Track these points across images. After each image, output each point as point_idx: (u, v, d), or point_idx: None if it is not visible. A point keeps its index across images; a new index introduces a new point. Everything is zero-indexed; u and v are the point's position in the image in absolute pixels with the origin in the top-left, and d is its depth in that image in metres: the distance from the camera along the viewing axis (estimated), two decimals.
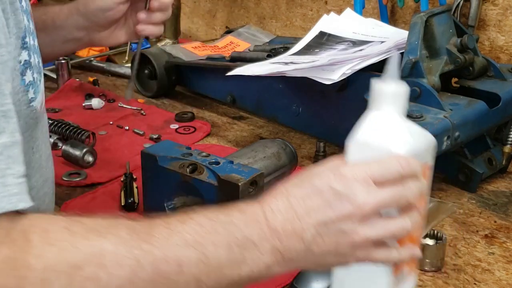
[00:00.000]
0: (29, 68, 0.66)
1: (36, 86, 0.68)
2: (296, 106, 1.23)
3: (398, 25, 1.41)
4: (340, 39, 1.19)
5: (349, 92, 1.10)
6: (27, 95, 0.66)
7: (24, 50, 0.66)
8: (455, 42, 1.02)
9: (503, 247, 0.88)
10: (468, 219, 0.95)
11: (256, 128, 1.31)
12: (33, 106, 0.68)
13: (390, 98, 0.58)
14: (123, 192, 0.98)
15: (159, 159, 0.90)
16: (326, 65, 1.06)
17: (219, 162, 0.87)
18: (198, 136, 1.26)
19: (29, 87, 0.66)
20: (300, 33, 1.61)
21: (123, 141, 1.24)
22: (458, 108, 0.96)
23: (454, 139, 0.93)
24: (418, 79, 0.98)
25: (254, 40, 1.54)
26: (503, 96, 1.01)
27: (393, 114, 0.58)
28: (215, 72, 1.34)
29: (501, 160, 1.06)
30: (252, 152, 0.98)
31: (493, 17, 1.29)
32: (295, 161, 1.03)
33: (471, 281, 0.81)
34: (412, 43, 1.00)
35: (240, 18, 1.83)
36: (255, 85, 1.28)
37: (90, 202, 1.00)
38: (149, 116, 1.35)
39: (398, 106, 0.58)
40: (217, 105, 1.42)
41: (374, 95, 0.58)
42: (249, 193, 0.83)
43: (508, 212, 0.97)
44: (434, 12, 1.02)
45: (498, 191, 1.03)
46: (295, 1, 1.65)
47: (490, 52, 1.31)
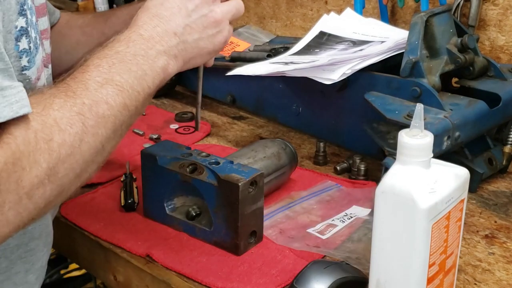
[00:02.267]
0: (26, 36, 0.68)
1: (31, 56, 0.69)
2: (296, 106, 1.22)
3: (398, 25, 1.41)
4: (340, 39, 1.19)
5: (349, 92, 1.10)
6: (19, 61, 0.68)
7: (22, 16, 0.67)
8: (456, 42, 1.02)
9: (504, 247, 0.88)
10: (468, 219, 0.95)
11: (256, 128, 1.31)
12: (26, 74, 0.69)
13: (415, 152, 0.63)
14: (123, 192, 0.98)
15: (159, 159, 0.90)
16: (326, 65, 1.06)
17: (219, 162, 0.87)
18: (198, 136, 1.26)
19: (22, 54, 0.68)
20: (300, 33, 1.61)
21: (123, 141, 1.21)
22: (458, 108, 0.96)
23: (454, 139, 0.93)
24: (418, 79, 0.98)
25: (254, 40, 1.54)
26: (503, 96, 1.01)
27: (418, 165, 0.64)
28: (215, 72, 1.34)
29: (501, 160, 1.06)
30: (252, 152, 0.98)
31: (493, 17, 1.29)
32: (295, 161, 1.03)
33: (471, 281, 0.81)
34: (412, 43, 0.99)
35: (240, 18, 1.82)
36: (255, 85, 1.28)
37: (90, 202, 1.00)
38: (149, 116, 1.35)
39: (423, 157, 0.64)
40: (217, 105, 1.42)
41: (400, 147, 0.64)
42: (249, 193, 0.83)
43: (508, 212, 0.97)
44: (434, 12, 1.02)
45: (498, 191, 1.03)
46: (295, 1, 1.65)
47: (491, 52, 1.31)
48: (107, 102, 0.64)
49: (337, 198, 1.00)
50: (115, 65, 0.66)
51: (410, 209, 0.62)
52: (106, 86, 0.65)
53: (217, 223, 0.86)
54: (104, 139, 0.65)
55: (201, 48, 0.75)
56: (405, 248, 0.64)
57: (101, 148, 0.65)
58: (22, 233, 0.78)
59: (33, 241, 0.80)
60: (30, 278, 0.82)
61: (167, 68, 0.72)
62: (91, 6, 1.99)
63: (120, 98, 0.65)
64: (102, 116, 0.64)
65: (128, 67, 0.67)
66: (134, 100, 0.67)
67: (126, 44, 0.69)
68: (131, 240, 0.89)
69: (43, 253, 0.84)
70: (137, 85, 0.67)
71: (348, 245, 0.86)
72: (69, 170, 0.61)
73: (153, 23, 0.72)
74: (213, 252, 0.86)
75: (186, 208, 0.91)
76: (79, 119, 0.62)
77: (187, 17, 0.73)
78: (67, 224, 0.95)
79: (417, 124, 0.64)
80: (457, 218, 0.68)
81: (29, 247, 0.80)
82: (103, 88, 0.64)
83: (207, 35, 0.75)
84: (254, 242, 0.87)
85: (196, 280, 0.80)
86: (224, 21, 0.76)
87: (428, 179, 0.64)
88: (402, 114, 0.94)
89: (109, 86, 0.65)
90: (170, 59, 0.72)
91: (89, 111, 0.63)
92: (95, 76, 0.65)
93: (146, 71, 0.69)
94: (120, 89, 0.66)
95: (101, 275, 0.94)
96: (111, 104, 0.65)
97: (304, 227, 0.91)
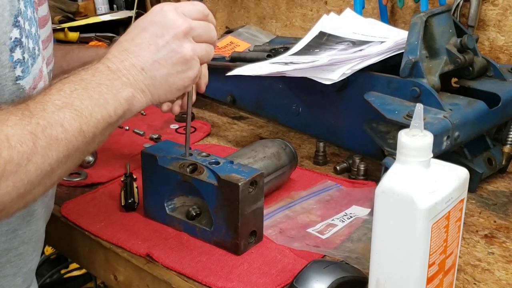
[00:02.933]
0: (20, 47, 0.68)
1: (25, 66, 0.69)
2: (296, 106, 1.23)
3: (398, 25, 1.41)
4: (340, 39, 1.19)
5: (349, 92, 1.10)
6: (14, 72, 0.68)
7: (16, 28, 0.67)
8: (455, 42, 1.02)
9: (503, 247, 0.88)
10: (467, 219, 0.95)
11: (256, 128, 1.31)
12: (19, 84, 0.69)
13: (415, 152, 0.64)
14: (123, 192, 0.99)
15: (159, 159, 0.90)
16: (326, 65, 1.06)
17: (219, 162, 0.87)
18: (198, 136, 1.26)
19: (17, 64, 0.68)
20: (300, 33, 1.61)
21: (123, 141, 1.24)
22: (458, 108, 0.96)
23: (454, 139, 0.93)
24: (418, 79, 0.98)
25: (254, 40, 1.54)
26: (503, 96, 1.01)
27: (418, 165, 0.64)
28: (215, 72, 1.34)
29: (500, 160, 1.06)
30: (252, 152, 0.98)
31: (493, 17, 1.29)
32: (295, 161, 1.03)
33: (471, 281, 0.81)
34: (412, 43, 1.00)
35: (240, 18, 1.83)
36: (255, 85, 1.28)
37: (90, 202, 1.00)
38: (149, 116, 1.35)
39: (423, 157, 0.64)
40: (217, 105, 1.42)
41: (400, 147, 0.64)
42: (249, 193, 0.83)
43: (507, 212, 0.97)
44: (434, 12, 1.02)
45: (497, 191, 1.03)
46: (295, 1, 1.65)
47: (490, 52, 1.31)
48: (62, 125, 0.64)
49: (336, 198, 1.00)
50: (77, 91, 0.67)
51: (410, 209, 0.62)
52: (64, 110, 0.65)
53: (217, 223, 0.86)
54: (54, 162, 0.64)
55: (170, 84, 0.75)
56: (405, 248, 0.64)
57: (50, 170, 0.64)
58: (12, 237, 0.78)
59: (23, 246, 0.80)
60: (17, 281, 0.82)
61: (132, 100, 0.71)
62: (91, 7, 2.00)
63: (76, 123, 0.65)
64: (56, 138, 0.63)
65: (90, 94, 0.68)
66: (92, 126, 0.67)
67: (92, 73, 0.70)
68: (131, 240, 0.89)
69: (32, 257, 0.84)
70: (97, 112, 0.67)
71: (347, 245, 0.86)
72: (11, 188, 0.61)
73: (122, 57, 0.72)
74: (213, 252, 0.86)
75: (186, 208, 0.91)
76: (31, 139, 0.61)
77: (156, 53, 0.73)
78: (68, 224, 0.96)
79: (417, 124, 0.64)
80: (456, 218, 0.68)
81: (19, 251, 0.80)
82: (61, 111, 0.64)
83: (176, 71, 0.74)
84: (254, 242, 0.87)
85: (196, 280, 0.80)
86: (194, 58, 0.75)
87: (428, 179, 0.64)
88: (401, 114, 0.94)
89: (67, 110, 0.65)
90: (137, 92, 0.72)
91: (42, 132, 0.62)
92: (55, 99, 0.65)
93: (108, 100, 0.69)
94: (78, 114, 0.66)
95: (102, 274, 0.94)
96: (66, 128, 0.64)
97: (304, 227, 0.91)
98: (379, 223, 0.66)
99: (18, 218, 0.77)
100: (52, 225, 0.93)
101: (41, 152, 0.62)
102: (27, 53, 0.70)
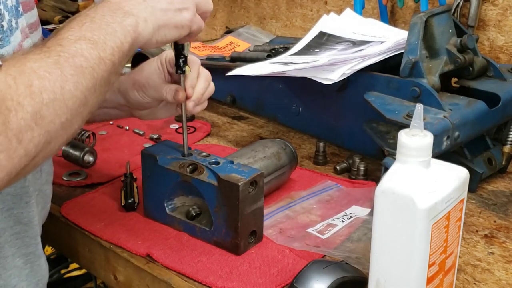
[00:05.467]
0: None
1: (4, 35, 0.70)
2: (296, 106, 1.23)
3: (398, 25, 1.41)
4: (340, 39, 1.19)
5: (349, 92, 1.10)
6: None
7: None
8: (455, 42, 1.02)
9: (503, 247, 0.88)
10: (467, 219, 0.95)
11: (256, 128, 1.32)
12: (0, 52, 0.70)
13: (415, 152, 0.64)
14: (123, 192, 0.99)
15: (159, 159, 0.90)
16: (326, 65, 1.06)
17: (219, 162, 0.87)
18: (198, 136, 1.26)
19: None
20: (300, 33, 1.61)
21: (123, 141, 1.24)
22: (458, 108, 0.96)
23: (454, 139, 0.93)
24: (418, 79, 0.98)
25: (254, 40, 1.54)
26: (502, 96, 1.01)
27: (418, 165, 0.64)
28: (215, 72, 1.34)
29: (500, 160, 1.06)
30: (252, 152, 0.98)
31: (493, 17, 1.29)
32: (295, 161, 1.03)
33: (471, 281, 0.81)
34: (412, 43, 1.00)
35: (240, 18, 1.83)
36: (255, 85, 1.28)
37: (90, 202, 1.00)
38: None
39: (423, 157, 0.64)
40: (217, 105, 1.42)
41: (400, 147, 0.64)
42: (249, 193, 0.83)
43: (507, 212, 0.97)
44: (434, 12, 1.02)
45: (497, 191, 1.03)
46: (295, 1, 1.65)
47: (490, 52, 1.31)
48: (82, 55, 0.66)
49: (336, 198, 1.00)
50: (85, 25, 0.69)
51: (410, 209, 0.62)
52: (79, 42, 0.66)
53: (217, 223, 0.86)
54: (86, 89, 0.65)
55: (169, 18, 0.77)
56: (405, 248, 0.64)
57: (84, 99, 0.65)
58: (7, 216, 0.77)
59: (18, 225, 0.79)
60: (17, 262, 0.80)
61: (137, 27, 0.73)
62: None
63: (95, 52, 0.67)
64: (80, 66, 0.65)
65: (98, 25, 0.70)
66: (109, 54, 0.69)
67: (95, 10, 0.72)
68: (131, 239, 0.89)
69: (30, 239, 0.82)
70: (109, 40, 0.69)
71: (347, 245, 0.86)
72: (54, 116, 0.62)
73: None
74: (213, 252, 0.86)
75: (186, 208, 0.91)
76: (57, 67, 0.63)
77: None
78: (68, 224, 0.96)
79: (417, 124, 0.64)
80: (456, 218, 0.68)
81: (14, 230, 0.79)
82: (77, 43, 0.66)
83: (174, 8, 0.77)
84: (254, 242, 0.87)
85: (196, 280, 0.80)
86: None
87: (428, 179, 0.64)
88: (401, 114, 0.94)
89: (82, 42, 0.67)
90: (140, 20, 0.74)
91: (65, 61, 0.64)
92: (68, 35, 0.67)
93: (115, 28, 0.71)
94: (93, 43, 0.67)
95: (102, 274, 0.95)
96: (86, 57, 0.66)
97: (304, 227, 0.91)
98: (379, 223, 0.66)
99: (13, 197, 0.77)
100: (52, 225, 0.93)
101: (71, 80, 0.63)
102: (5, 22, 0.71)
